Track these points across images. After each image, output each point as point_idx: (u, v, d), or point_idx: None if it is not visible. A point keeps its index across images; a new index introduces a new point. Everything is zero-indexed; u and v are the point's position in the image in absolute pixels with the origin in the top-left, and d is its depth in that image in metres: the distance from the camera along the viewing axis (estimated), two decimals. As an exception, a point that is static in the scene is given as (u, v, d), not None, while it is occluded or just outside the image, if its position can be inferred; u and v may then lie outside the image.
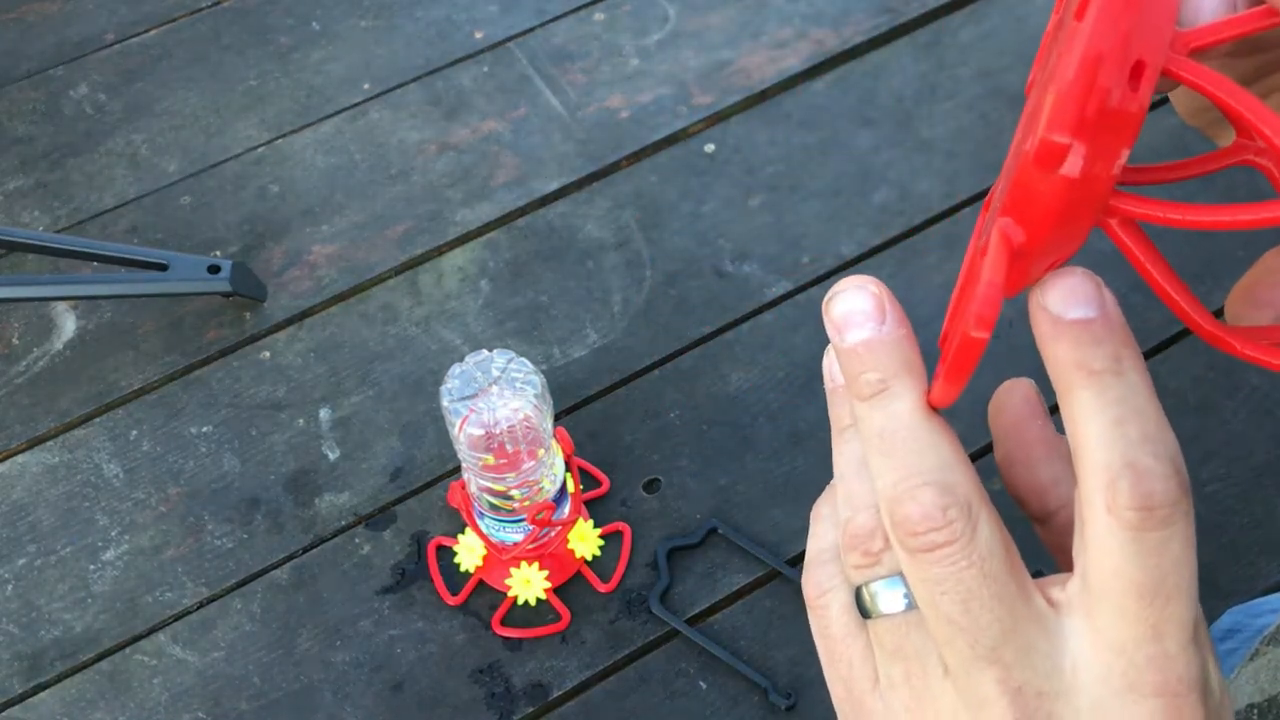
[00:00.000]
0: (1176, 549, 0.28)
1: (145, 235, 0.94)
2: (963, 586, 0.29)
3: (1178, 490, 0.28)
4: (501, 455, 0.69)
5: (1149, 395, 0.29)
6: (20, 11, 1.07)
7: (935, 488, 0.30)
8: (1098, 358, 0.29)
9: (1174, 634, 0.28)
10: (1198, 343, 0.86)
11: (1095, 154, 0.27)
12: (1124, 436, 0.28)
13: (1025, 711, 0.29)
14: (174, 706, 0.74)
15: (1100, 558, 0.29)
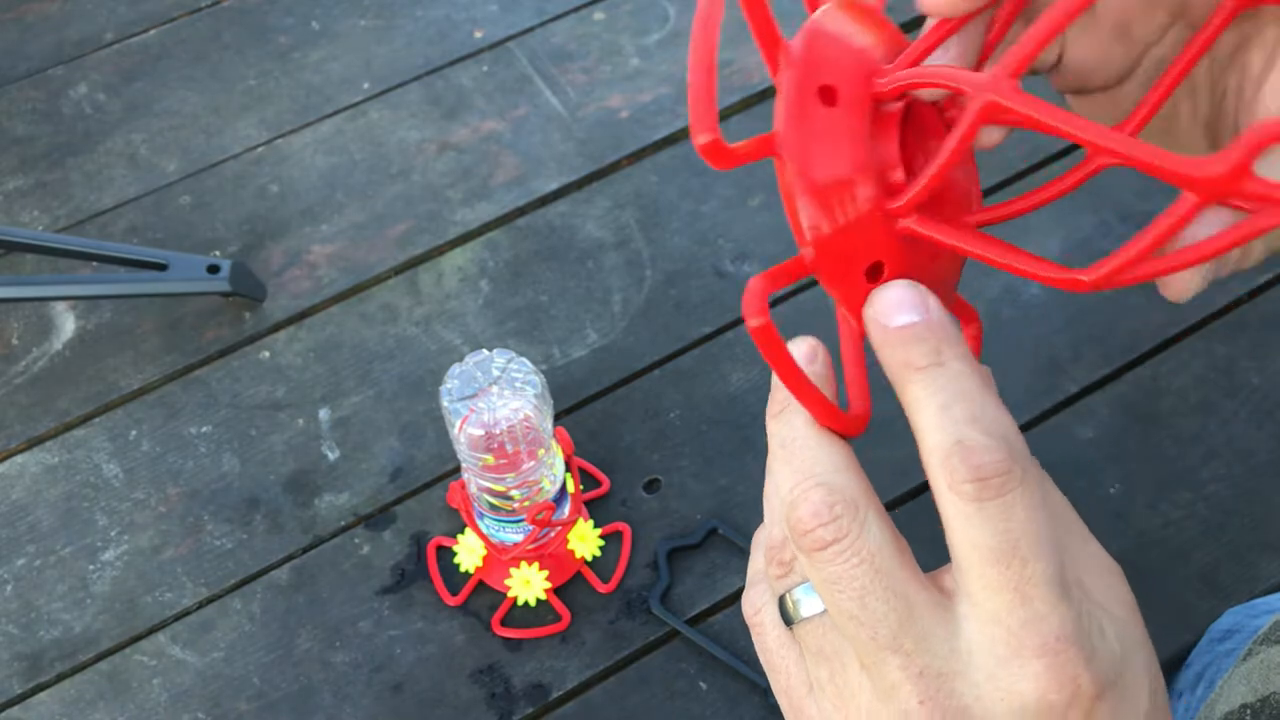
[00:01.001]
0: (1021, 513, 0.30)
1: (145, 235, 0.93)
2: (857, 583, 0.31)
3: (1007, 459, 0.30)
4: (501, 455, 0.69)
5: (973, 380, 0.32)
6: (19, 11, 1.07)
7: (824, 488, 0.32)
8: (921, 355, 0.31)
9: (1040, 594, 0.30)
10: (1198, 343, 0.86)
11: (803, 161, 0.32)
12: (951, 419, 0.31)
13: (929, 692, 0.31)
14: (174, 707, 0.73)
15: (955, 534, 0.31)
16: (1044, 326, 0.86)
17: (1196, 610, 0.75)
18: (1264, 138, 0.27)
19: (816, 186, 0.32)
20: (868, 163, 0.33)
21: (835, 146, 0.33)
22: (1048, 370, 0.84)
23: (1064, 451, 0.81)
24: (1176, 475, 0.80)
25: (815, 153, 0.32)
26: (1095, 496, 0.79)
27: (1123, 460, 0.81)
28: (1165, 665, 0.76)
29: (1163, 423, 0.82)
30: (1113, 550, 0.85)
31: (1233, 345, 0.86)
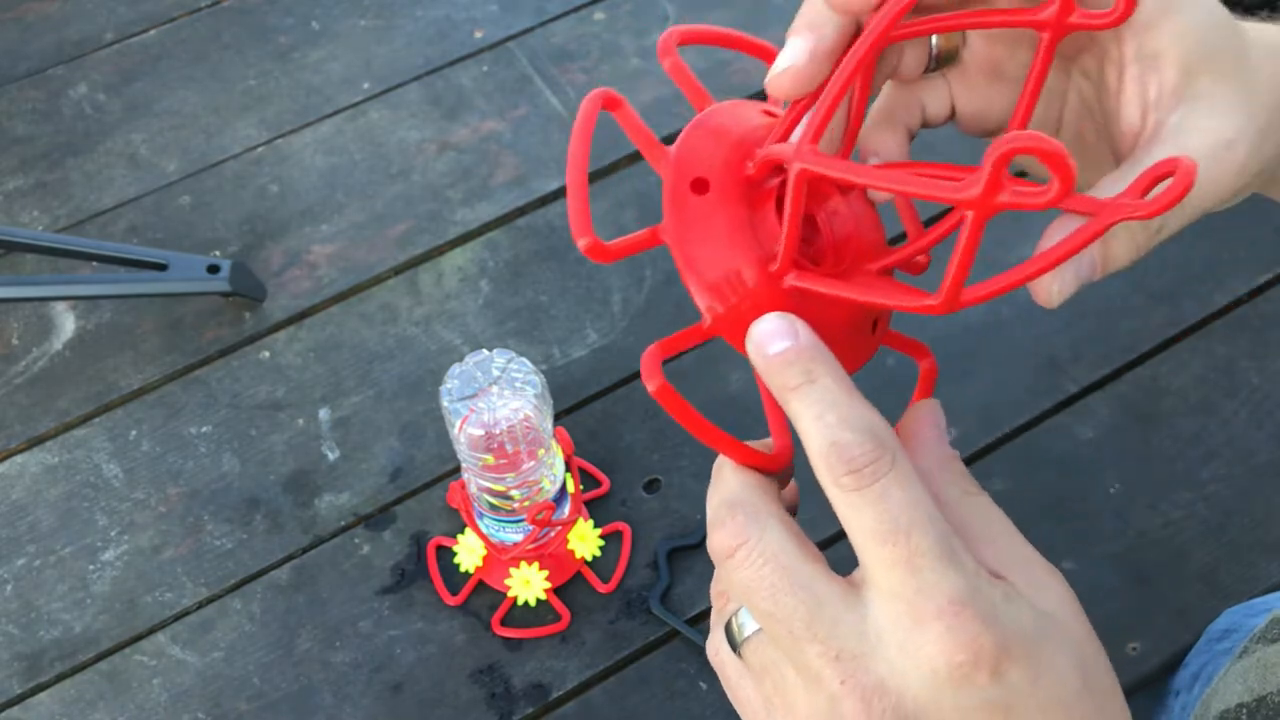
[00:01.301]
0: (896, 493, 0.33)
1: (145, 235, 0.93)
2: (766, 582, 0.34)
3: (875, 449, 0.33)
4: (501, 455, 0.69)
5: (841, 390, 0.35)
6: (19, 11, 1.07)
7: (727, 505, 0.36)
8: (794, 376, 0.35)
9: (927, 563, 0.33)
10: (1198, 343, 0.86)
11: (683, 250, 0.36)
12: (825, 425, 0.34)
13: (848, 672, 0.33)
14: (173, 707, 0.73)
15: (847, 524, 0.34)
16: (1044, 326, 0.86)
17: (1196, 610, 0.75)
18: (1008, 150, 0.29)
19: (701, 275, 0.36)
20: (745, 241, 0.37)
21: (713, 234, 0.37)
22: (1048, 370, 0.84)
23: (1064, 451, 0.81)
24: (1176, 475, 0.80)
25: (695, 242, 0.36)
26: (1095, 496, 0.79)
27: (1123, 460, 0.81)
28: (1165, 666, 0.77)
29: (1163, 423, 0.82)
30: (1113, 550, 0.86)
31: (1233, 345, 0.86)
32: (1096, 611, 0.82)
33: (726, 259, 0.37)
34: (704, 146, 0.38)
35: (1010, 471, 0.80)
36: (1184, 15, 0.38)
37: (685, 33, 0.40)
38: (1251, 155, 0.38)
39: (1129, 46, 0.38)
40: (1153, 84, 0.38)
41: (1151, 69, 0.38)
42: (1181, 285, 0.88)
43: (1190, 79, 0.38)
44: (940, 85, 0.43)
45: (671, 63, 0.40)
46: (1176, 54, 0.38)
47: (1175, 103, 0.38)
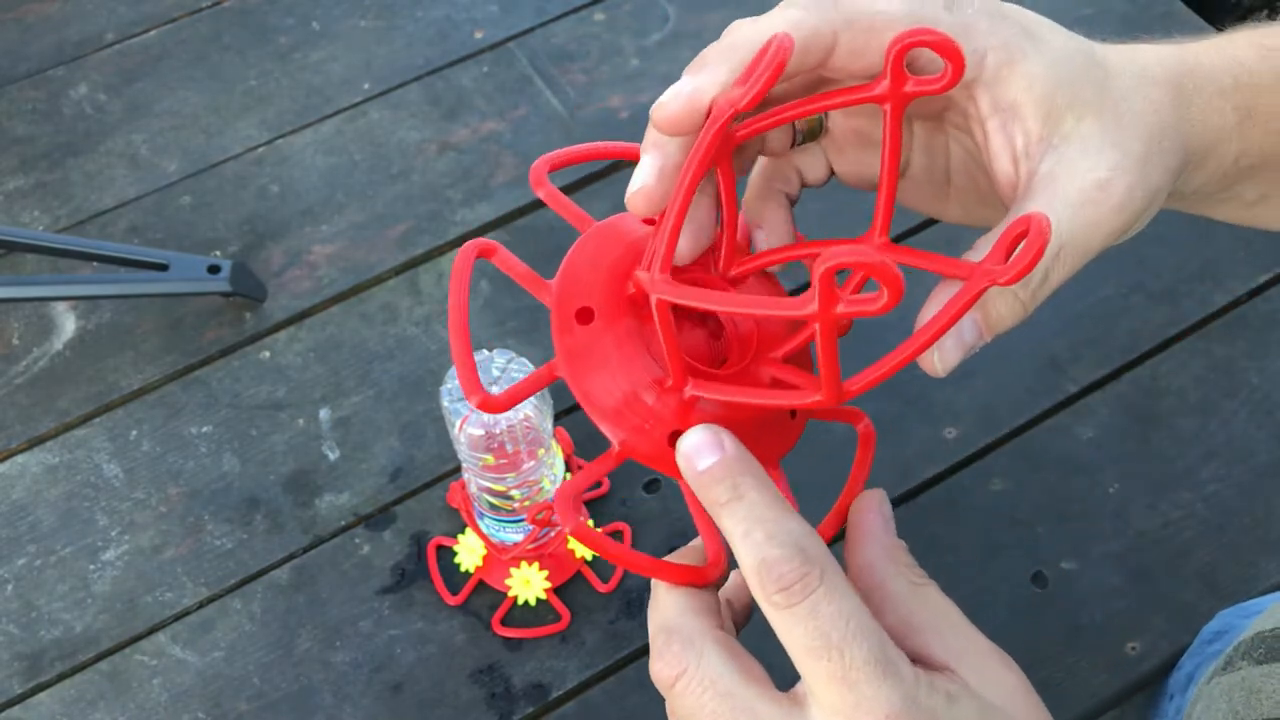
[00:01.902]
0: (826, 608, 0.33)
1: (145, 235, 0.93)
2: (707, 709, 0.35)
3: (802, 565, 0.34)
4: (501, 455, 0.69)
5: (767, 503, 0.35)
6: (20, 11, 1.07)
7: (664, 633, 0.36)
8: (722, 492, 0.35)
9: (862, 677, 0.33)
10: (1197, 343, 0.86)
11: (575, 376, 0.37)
12: (754, 543, 0.34)
13: None
14: (174, 707, 0.74)
15: (783, 640, 0.34)
16: (1044, 327, 0.86)
17: (1196, 610, 0.75)
18: (832, 267, 0.30)
19: (600, 406, 0.37)
20: (637, 363, 0.37)
21: (604, 362, 0.37)
22: (1048, 370, 0.85)
23: (1064, 451, 0.81)
24: (1176, 475, 0.80)
25: (588, 374, 0.37)
26: (1095, 496, 0.79)
27: (1122, 460, 0.81)
28: (1164, 666, 0.77)
29: (1162, 423, 0.82)
30: (1112, 550, 0.86)
31: (1232, 345, 0.86)
32: (1096, 611, 0.82)
33: (622, 385, 0.37)
34: (583, 274, 0.38)
35: (1010, 471, 0.80)
36: (1032, 61, 0.38)
37: (553, 159, 0.41)
38: (1132, 188, 0.38)
39: (983, 102, 0.38)
40: (1018, 134, 0.38)
41: (1013, 119, 0.38)
42: (1181, 285, 0.88)
43: (1053, 123, 0.38)
44: (814, 151, 0.43)
45: (545, 192, 0.41)
46: (1033, 101, 0.37)
47: (1043, 149, 0.38)
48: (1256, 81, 0.41)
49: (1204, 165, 0.41)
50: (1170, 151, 0.39)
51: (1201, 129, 0.40)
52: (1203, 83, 0.41)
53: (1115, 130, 0.38)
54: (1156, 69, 0.40)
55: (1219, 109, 0.40)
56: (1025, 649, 0.74)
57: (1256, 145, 0.42)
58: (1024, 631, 0.74)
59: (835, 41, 0.37)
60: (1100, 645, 0.74)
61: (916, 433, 0.80)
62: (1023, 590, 0.76)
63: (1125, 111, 0.38)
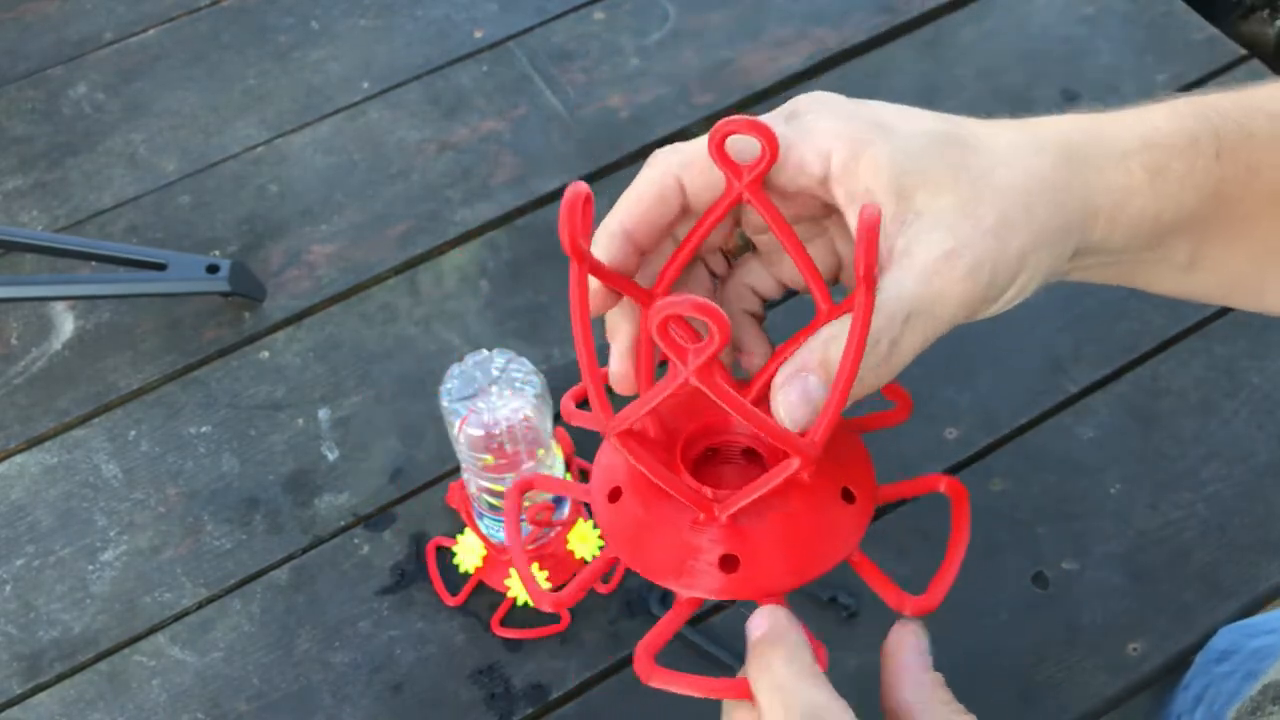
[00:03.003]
0: None
1: (144, 235, 0.93)
2: None
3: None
4: (501, 455, 0.69)
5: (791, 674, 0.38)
6: (19, 11, 1.07)
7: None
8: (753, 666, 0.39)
9: None
10: (1198, 343, 0.86)
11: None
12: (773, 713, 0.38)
13: None
14: (173, 707, 0.73)
15: None
16: (1044, 326, 0.86)
17: (1196, 610, 0.75)
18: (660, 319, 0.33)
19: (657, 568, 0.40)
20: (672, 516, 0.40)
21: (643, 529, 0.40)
22: (1048, 370, 0.84)
23: (1064, 451, 0.81)
24: (1176, 475, 0.80)
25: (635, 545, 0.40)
26: (1095, 496, 0.79)
27: (1123, 460, 0.81)
28: (1165, 667, 0.77)
29: (1163, 423, 0.82)
30: (1113, 550, 0.86)
31: (1233, 345, 0.85)
32: (1097, 612, 0.82)
33: (661, 539, 0.40)
34: (605, 459, 0.42)
35: (1010, 471, 0.80)
36: (878, 148, 0.40)
37: (575, 394, 0.48)
38: (979, 257, 0.39)
39: (839, 194, 0.41)
40: None
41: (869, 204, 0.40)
42: (1182, 285, 0.88)
43: (905, 201, 0.39)
44: (757, 269, 0.46)
45: (577, 422, 0.46)
46: (883, 184, 0.39)
47: (899, 227, 0.40)
48: (1166, 140, 0.43)
49: (1116, 221, 0.42)
50: (1046, 213, 0.40)
51: (1104, 186, 0.42)
52: (1104, 144, 0.42)
53: (970, 203, 0.39)
54: (1046, 137, 0.42)
55: (1124, 168, 0.42)
56: (1026, 649, 0.74)
57: (1175, 202, 0.43)
58: (1025, 632, 0.74)
59: (681, 184, 0.41)
60: (1101, 646, 0.74)
61: (917, 433, 0.80)
62: (1023, 590, 0.76)
63: (983, 186, 0.40)
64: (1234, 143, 0.43)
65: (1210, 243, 0.45)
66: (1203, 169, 0.42)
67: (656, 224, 0.42)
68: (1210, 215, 0.43)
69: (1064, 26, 1.02)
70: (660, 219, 0.42)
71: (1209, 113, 0.43)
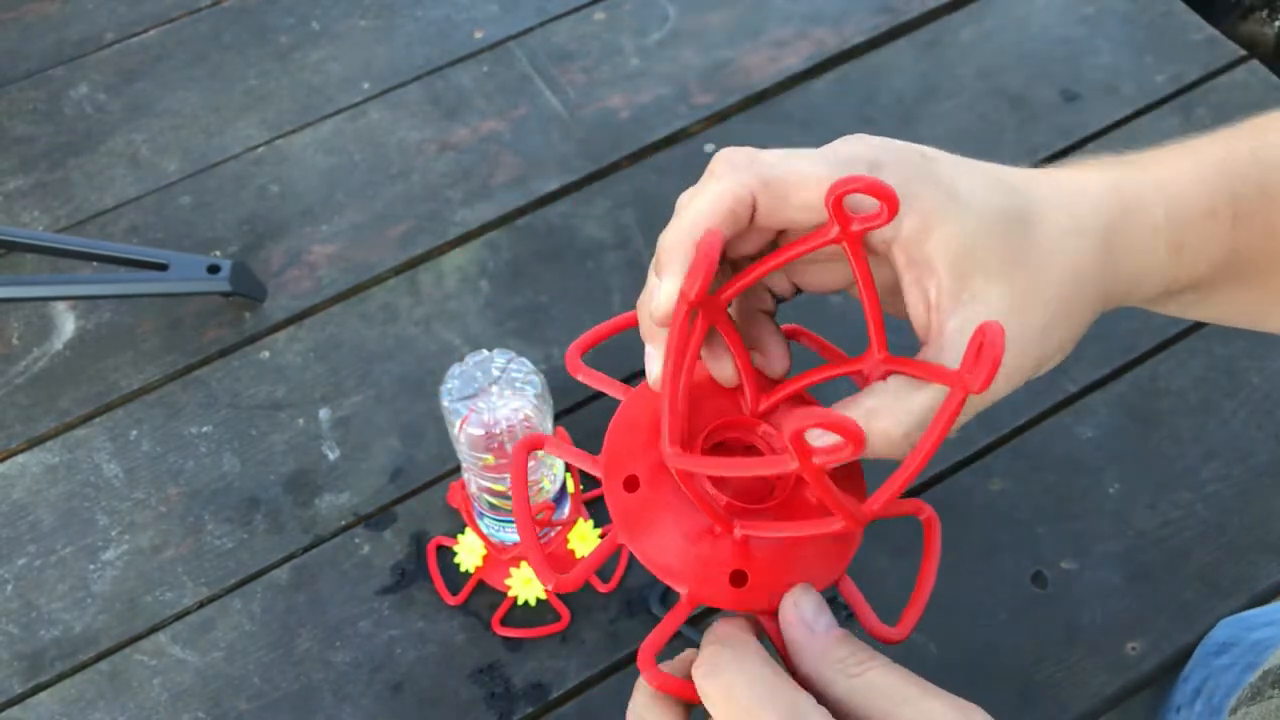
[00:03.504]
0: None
1: (145, 235, 0.93)
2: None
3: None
4: (501, 455, 0.69)
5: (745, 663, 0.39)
6: (20, 11, 1.07)
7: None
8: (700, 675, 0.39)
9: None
10: (1197, 343, 0.86)
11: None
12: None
13: None
14: (174, 706, 0.74)
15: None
16: (1044, 326, 0.86)
17: (1196, 610, 0.75)
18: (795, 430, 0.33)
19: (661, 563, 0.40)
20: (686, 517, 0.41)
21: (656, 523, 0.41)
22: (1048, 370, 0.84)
23: (1064, 451, 0.81)
24: (1176, 475, 0.80)
25: (645, 536, 0.41)
26: (1095, 496, 0.79)
27: (1122, 460, 0.81)
28: (1164, 666, 0.77)
29: (1162, 423, 0.82)
30: (1112, 550, 0.86)
31: (1232, 345, 0.86)
32: (1096, 611, 0.82)
33: (677, 540, 0.40)
34: (624, 446, 0.42)
35: (1010, 471, 0.80)
36: (950, 225, 0.41)
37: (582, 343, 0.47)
38: (1024, 359, 0.41)
39: (900, 257, 0.41)
40: (931, 286, 0.41)
41: (927, 273, 0.41)
42: (1181, 285, 0.88)
43: (964, 281, 0.41)
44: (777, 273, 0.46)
45: (583, 375, 0.46)
46: (945, 261, 0.41)
47: (953, 306, 0.41)
48: (1188, 212, 0.44)
49: (1133, 293, 0.45)
50: (1084, 307, 0.43)
51: (1130, 269, 0.44)
52: (1136, 224, 0.44)
53: (1022, 297, 0.41)
54: (1089, 218, 0.43)
55: (1150, 248, 0.44)
56: (1025, 649, 0.74)
57: (1188, 271, 0.45)
58: (1024, 631, 0.74)
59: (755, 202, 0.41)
60: (1100, 645, 0.74)
61: (916, 432, 0.80)
62: (1023, 590, 0.76)
63: (1039, 280, 0.41)
64: (1251, 208, 0.45)
65: (1220, 291, 0.47)
66: (1218, 240, 0.45)
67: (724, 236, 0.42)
68: (1219, 275, 0.46)
69: (1064, 27, 1.02)
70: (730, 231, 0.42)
71: (1230, 173, 0.45)
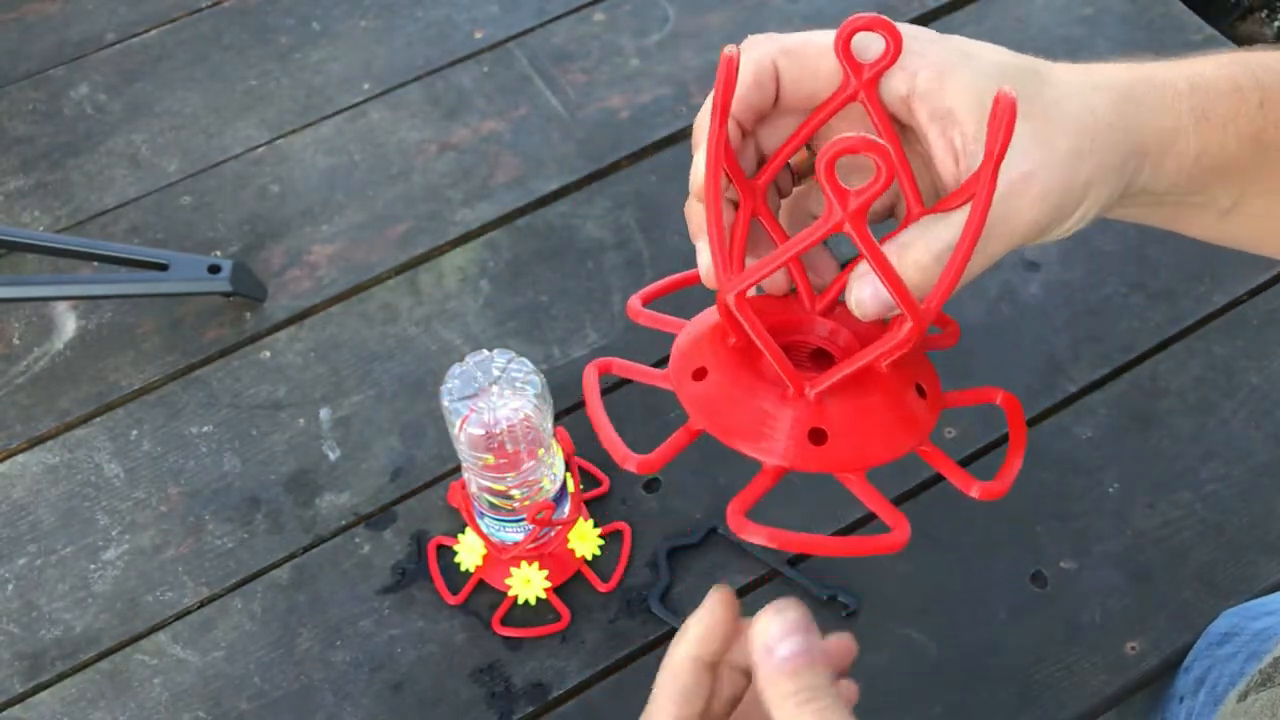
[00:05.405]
0: None
1: (145, 235, 0.94)
2: None
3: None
4: (501, 455, 0.69)
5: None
6: (20, 11, 1.07)
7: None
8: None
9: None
10: (1197, 343, 0.86)
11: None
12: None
13: None
14: (174, 706, 0.74)
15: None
16: (1043, 326, 0.86)
17: (1195, 610, 0.75)
18: (829, 156, 0.34)
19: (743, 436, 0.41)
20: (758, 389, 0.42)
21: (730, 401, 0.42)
22: (1047, 370, 0.85)
23: (1063, 451, 0.81)
24: (1175, 475, 0.80)
25: (722, 416, 0.42)
26: (1094, 496, 0.80)
27: (1121, 460, 0.81)
28: (1164, 665, 0.77)
29: (1161, 423, 0.83)
30: (1112, 550, 0.86)
31: (1231, 345, 0.86)
32: (1096, 611, 0.82)
33: (751, 412, 0.41)
34: (689, 347, 0.44)
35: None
36: (963, 71, 0.42)
37: (645, 294, 0.49)
38: (1051, 181, 0.42)
39: (921, 113, 0.43)
40: (955, 135, 0.42)
41: (950, 124, 0.42)
42: (1180, 285, 0.88)
43: (985, 125, 0.41)
44: (817, 192, 0.48)
45: (644, 319, 0.48)
46: (966, 106, 0.42)
47: (978, 147, 0.42)
48: (1212, 86, 0.45)
49: (1163, 162, 0.45)
50: (1106, 148, 0.43)
51: (1154, 127, 0.44)
52: (1155, 87, 0.45)
53: (1043, 130, 0.42)
54: (1104, 77, 0.44)
55: (1172, 110, 0.44)
56: (1025, 649, 0.74)
57: (1217, 144, 0.45)
58: (1024, 631, 0.75)
59: (778, 70, 0.43)
60: (1100, 645, 0.74)
61: (916, 432, 0.80)
62: (1022, 590, 0.76)
63: (1056, 115, 0.42)
64: (1277, 94, 0.45)
65: (1251, 190, 0.47)
66: (1246, 115, 0.45)
67: (753, 107, 0.44)
68: (1251, 162, 0.45)
69: (1063, 27, 1.02)
70: (758, 102, 0.43)
71: (1253, 65, 0.46)
